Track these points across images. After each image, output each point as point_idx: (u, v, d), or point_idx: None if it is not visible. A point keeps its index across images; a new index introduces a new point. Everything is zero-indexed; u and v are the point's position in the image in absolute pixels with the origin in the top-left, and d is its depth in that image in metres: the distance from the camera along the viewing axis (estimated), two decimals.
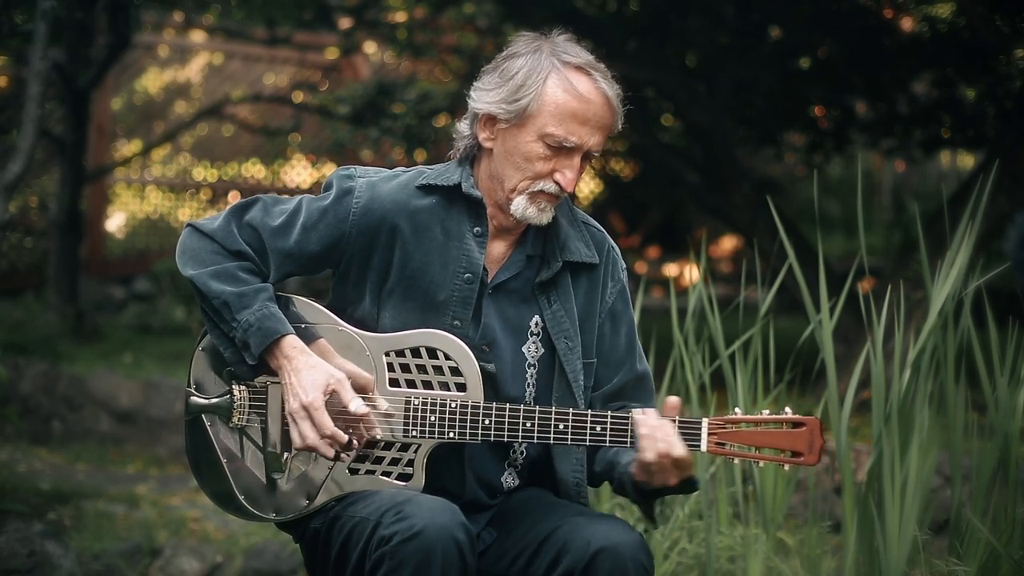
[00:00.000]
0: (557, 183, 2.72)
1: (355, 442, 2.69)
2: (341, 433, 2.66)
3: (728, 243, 11.99)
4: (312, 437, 2.66)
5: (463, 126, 2.82)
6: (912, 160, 9.24)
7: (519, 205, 2.74)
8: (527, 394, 2.80)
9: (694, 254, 4.45)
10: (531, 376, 2.81)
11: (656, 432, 2.60)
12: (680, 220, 12.24)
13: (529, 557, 2.71)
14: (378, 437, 2.71)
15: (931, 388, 3.58)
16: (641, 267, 11.44)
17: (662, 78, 7.06)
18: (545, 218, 2.75)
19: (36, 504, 5.06)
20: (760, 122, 8.05)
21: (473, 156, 2.83)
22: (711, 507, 3.87)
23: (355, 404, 2.66)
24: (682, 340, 3.99)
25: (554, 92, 2.69)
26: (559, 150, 2.70)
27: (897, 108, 7.66)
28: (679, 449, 2.59)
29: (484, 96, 2.74)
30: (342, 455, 2.71)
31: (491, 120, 2.75)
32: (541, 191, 2.73)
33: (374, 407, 2.71)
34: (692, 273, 4.32)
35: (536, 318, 2.81)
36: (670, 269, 11.33)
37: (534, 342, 2.81)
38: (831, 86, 7.62)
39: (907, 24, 7.70)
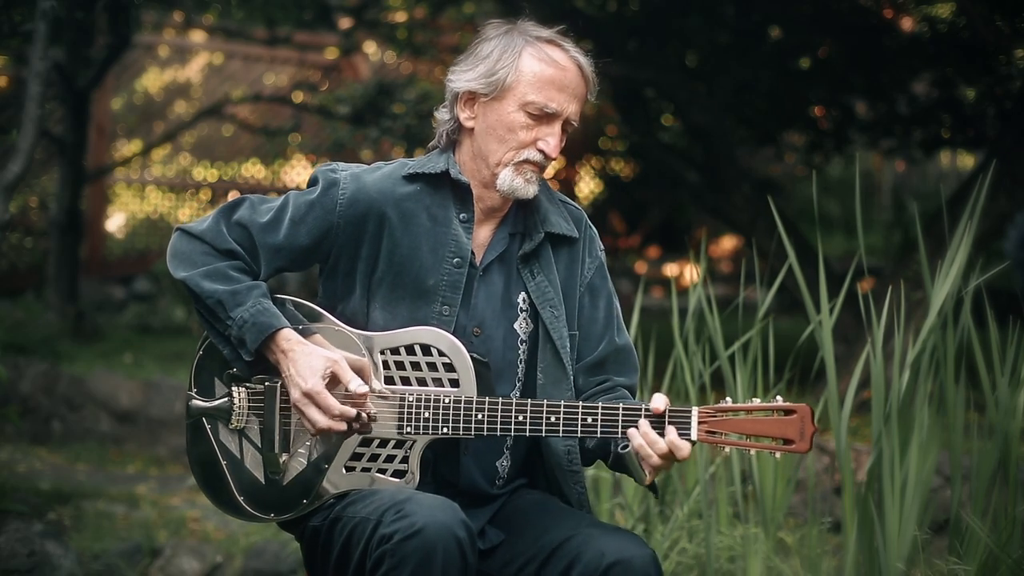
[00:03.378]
0: (541, 151, 2.77)
1: (364, 415, 2.70)
2: (349, 409, 2.68)
3: (728, 243, 11.98)
4: (322, 421, 2.68)
5: (442, 113, 2.87)
6: (912, 160, 9.24)
7: (505, 178, 2.79)
8: (519, 370, 2.83)
9: (694, 254, 4.45)
10: (523, 352, 2.84)
11: (648, 449, 2.64)
12: (680, 220, 12.24)
13: (540, 564, 2.72)
14: (373, 412, 2.72)
15: (931, 388, 3.58)
16: (641, 267, 11.43)
17: (662, 78, 7.06)
18: (532, 189, 2.80)
19: (36, 504, 5.06)
20: (760, 122, 8.05)
21: (455, 142, 2.87)
22: (711, 507, 3.87)
23: (354, 383, 2.68)
24: (681, 341, 3.99)
25: (530, 62, 2.77)
26: (540, 118, 2.77)
27: (897, 108, 7.66)
28: (682, 452, 2.64)
29: (462, 76, 2.81)
30: (356, 427, 2.72)
31: (471, 98, 2.81)
32: (526, 160, 2.78)
33: (370, 388, 2.73)
34: (692, 273, 4.32)
35: (523, 294, 2.84)
36: (670, 269, 11.33)
37: (524, 318, 2.84)
38: (831, 86, 7.62)
39: (907, 24, 7.70)
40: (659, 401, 2.66)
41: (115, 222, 10.49)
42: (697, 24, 7.28)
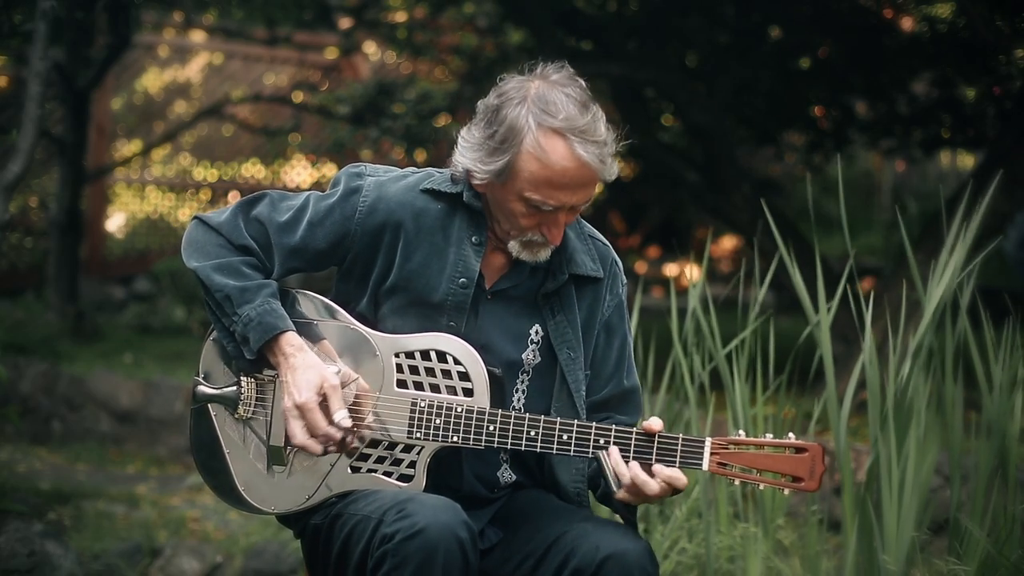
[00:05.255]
0: (544, 235, 2.73)
1: (348, 439, 2.70)
2: (333, 432, 2.68)
3: (728, 243, 11.98)
4: (302, 437, 2.69)
5: (456, 159, 2.78)
6: (912, 160, 9.24)
7: (514, 248, 2.76)
8: (516, 399, 2.81)
9: (694, 254, 4.45)
10: (521, 382, 2.82)
11: (632, 488, 2.65)
12: (680, 220, 12.23)
13: (536, 561, 2.71)
14: (367, 439, 2.72)
15: (929, 388, 3.58)
16: (641, 267, 11.44)
17: (662, 78, 7.06)
18: (542, 257, 2.77)
19: (36, 504, 5.06)
20: (760, 122, 8.05)
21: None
22: (711, 507, 3.87)
23: (339, 415, 2.67)
24: (680, 341, 3.98)
25: (528, 161, 2.66)
26: (540, 210, 2.70)
27: (897, 108, 7.66)
28: (680, 483, 2.64)
29: (467, 152, 2.73)
30: (334, 451, 2.72)
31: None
32: (531, 240, 2.74)
33: (362, 417, 2.71)
34: (692, 273, 4.32)
35: (536, 327, 2.82)
36: (670, 269, 11.33)
37: (533, 350, 2.82)
38: (831, 86, 7.62)
39: (907, 24, 7.70)
40: (655, 422, 2.67)
41: (115, 222, 10.49)
42: (697, 24, 7.27)
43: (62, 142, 8.13)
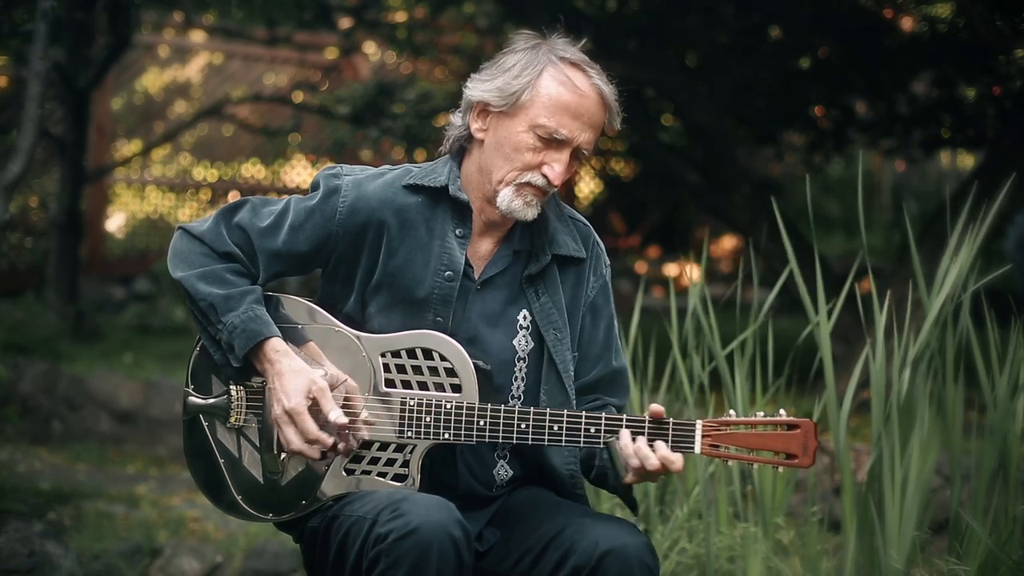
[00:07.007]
0: (545, 176, 2.73)
1: (341, 446, 2.70)
2: (325, 437, 2.67)
3: (728, 243, 11.98)
4: (296, 442, 2.68)
5: (456, 118, 2.83)
6: (912, 160, 9.23)
7: (505, 197, 2.74)
8: (515, 387, 2.81)
9: (694, 254, 4.44)
10: (519, 370, 2.82)
11: (627, 450, 2.65)
12: (680, 220, 12.24)
13: (535, 557, 2.71)
14: (365, 438, 2.72)
15: (931, 388, 3.58)
16: (641, 267, 11.43)
17: (662, 78, 7.06)
18: (531, 213, 2.76)
19: (36, 504, 5.06)
20: (760, 122, 8.05)
21: (462, 151, 2.84)
22: (711, 507, 3.87)
23: (334, 414, 2.67)
24: (680, 341, 3.98)
25: (548, 83, 2.71)
26: (549, 142, 2.72)
27: (897, 108, 7.66)
28: (675, 466, 2.64)
29: (480, 85, 2.77)
30: (331, 455, 2.72)
31: (484, 109, 2.76)
32: (528, 183, 2.74)
33: (356, 415, 2.71)
34: (692, 273, 4.32)
35: (524, 312, 2.82)
36: (670, 269, 11.33)
37: (524, 336, 2.82)
38: (831, 86, 7.63)
39: (907, 24, 7.70)
40: (656, 407, 2.66)
41: (115, 222, 10.49)
42: (697, 24, 7.28)
43: (62, 142, 8.12)
